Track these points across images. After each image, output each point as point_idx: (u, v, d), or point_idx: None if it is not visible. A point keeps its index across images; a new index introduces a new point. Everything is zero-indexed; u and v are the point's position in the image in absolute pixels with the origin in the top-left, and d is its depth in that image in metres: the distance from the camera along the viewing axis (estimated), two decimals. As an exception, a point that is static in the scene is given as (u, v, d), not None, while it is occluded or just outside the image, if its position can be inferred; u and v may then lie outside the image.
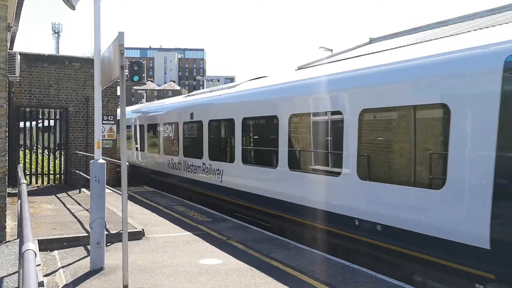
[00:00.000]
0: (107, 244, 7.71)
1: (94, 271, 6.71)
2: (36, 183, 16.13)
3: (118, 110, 17.05)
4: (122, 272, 5.90)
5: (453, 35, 8.43)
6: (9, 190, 10.79)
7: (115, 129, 16.91)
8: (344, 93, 8.32)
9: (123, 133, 6.10)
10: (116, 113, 17.10)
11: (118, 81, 5.98)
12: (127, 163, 6.32)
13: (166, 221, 10.72)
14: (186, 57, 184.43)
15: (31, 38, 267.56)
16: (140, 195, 15.01)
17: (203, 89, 16.98)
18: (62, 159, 16.61)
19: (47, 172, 16.43)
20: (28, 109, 16.06)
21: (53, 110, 16.80)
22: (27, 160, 17.39)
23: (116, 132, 17.00)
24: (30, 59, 15.56)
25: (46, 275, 6.54)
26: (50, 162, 16.54)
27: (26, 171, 15.80)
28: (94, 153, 6.94)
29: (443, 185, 6.27)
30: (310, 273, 6.79)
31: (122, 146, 6.15)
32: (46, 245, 7.99)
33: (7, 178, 8.35)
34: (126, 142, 19.14)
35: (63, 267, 6.96)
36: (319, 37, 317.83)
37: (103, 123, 16.11)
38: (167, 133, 16.90)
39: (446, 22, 11.58)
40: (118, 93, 17.06)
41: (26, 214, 4.37)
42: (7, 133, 8.30)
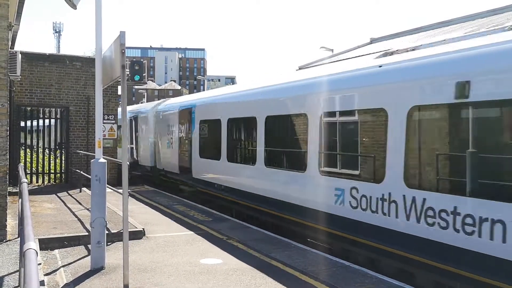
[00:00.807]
0: (108, 244, 7.72)
1: (95, 271, 6.71)
2: (37, 182, 16.13)
3: (119, 109, 17.05)
4: (123, 272, 5.90)
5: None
6: (10, 189, 10.74)
7: (115, 128, 16.88)
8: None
9: (125, 132, 6.10)
10: (117, 112, 17.09)
11: (119, 81, 5.98)
12: None
13: (167, 221, 10.72)
14: (187, 57, 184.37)
15: (32, 37, 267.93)
16: (141, 195, 15.02)
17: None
18: (63, 158, 16.63)
19: (48, 171, 16.43)
20: (29, 108, 16.07)
21: (54, 109, 16.80)
22: (28, 159, 17.40)
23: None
24: (31, 58, 15.54)
25: (47, 274, 6.55)
26: (51, 161, 16.57)
27: (27, 170, 15.82)
28: (95, 152, 6.96)
29: None
30: (311, 273, 6.79)
31: (124, 145, 6.17)
32: (47, 244, 8.00)
33: (8, 177, 8.34)
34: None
35: (64, 266, 6.96)
36: (320, 37, 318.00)
37: (104, 123, 16.10)
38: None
39: (448, 22, 11.58)
40: (119, 93, 17.02)
41: (27, 213, 4.36)
42: (8, 132, 8.31)
